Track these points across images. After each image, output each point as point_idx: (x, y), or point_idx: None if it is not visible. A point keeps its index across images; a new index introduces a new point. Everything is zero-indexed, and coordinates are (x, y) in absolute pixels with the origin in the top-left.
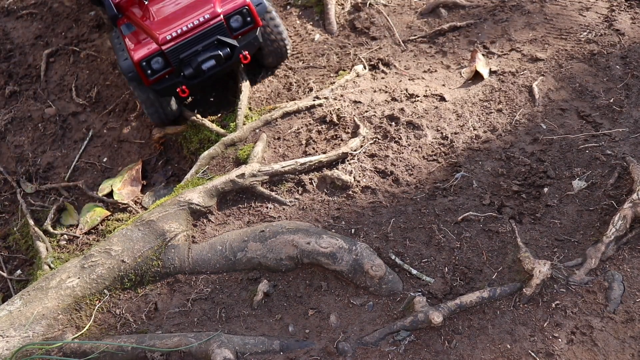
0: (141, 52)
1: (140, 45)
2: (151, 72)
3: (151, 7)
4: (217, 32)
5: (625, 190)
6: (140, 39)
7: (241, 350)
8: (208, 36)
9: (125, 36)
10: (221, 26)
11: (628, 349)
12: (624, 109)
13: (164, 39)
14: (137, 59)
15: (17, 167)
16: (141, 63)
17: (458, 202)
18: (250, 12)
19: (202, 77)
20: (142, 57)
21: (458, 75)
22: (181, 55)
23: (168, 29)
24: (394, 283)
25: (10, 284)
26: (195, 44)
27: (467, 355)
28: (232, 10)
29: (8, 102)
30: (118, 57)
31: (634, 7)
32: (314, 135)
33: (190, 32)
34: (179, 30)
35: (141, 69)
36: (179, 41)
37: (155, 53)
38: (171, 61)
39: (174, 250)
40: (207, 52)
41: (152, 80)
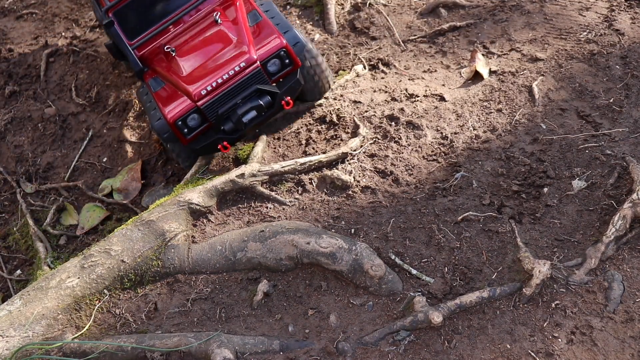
0: (175, 110)
1: (173, 103)
2: (188, 130)
3: (179, 57)
4: (256, 81)
5: (625, 190)
6: (172, 95)
7: (241, 350)
8: (246, 86)
9: (155, 92)
10: (259, 73)
11: (628, 348)
12: (623, 109)
13: (199, 94)
14: (172, 118)
15: (17, 167)
16: (177, 123)
17: (458, 202)
18: (288, 54)
19: (244, 130)
20: (176, 117)
21: (458, 75)
22: (219, 110)
23: (202, 82)
24: (394, 283)
25: (10, 284)
26: (234, 96)
27: (466, 355)
28: (269, 55)
29: (8, 102)
30: (150, 116)
31: (634, 7)
32: (314, 135)
33: (226, 83)
34: (214, 83)
35: (177, 129)
36: (215, 95)
37: (190, 111)
38: (209, 117)
39: (174, 250)
40: (247, 104)
41: (189, 138)
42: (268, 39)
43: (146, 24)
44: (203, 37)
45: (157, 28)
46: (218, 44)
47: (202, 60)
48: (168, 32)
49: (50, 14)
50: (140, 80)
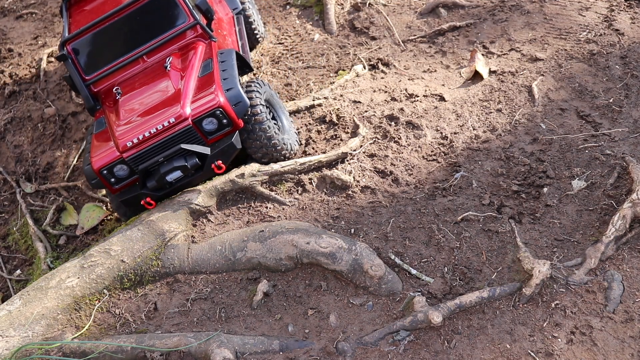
0: (102, 159)
1: (103, 151)
2: (115, 180)
3: (121, 101)
4: (184, 139)
5: (624, 190)
6: (105, 141)
7: (241, 350)
8: (172, 144)
9: (94, 135)
10: (189, 131)
11: (627, 348)
12: (623, 109)
13: (124, 145)
14: (97, 167)
15: (16, 167)
16: (102, 171)
17: (458, 202)
18: (225, 114)
19: (169, 189)
20: (102, 165)
21: (457, 75)
22: (142, 165)
23: (130, 134)
24: (394, 283)
25: (10, 284)
26: (158, 153)
27: (466, 355)
28: (202, 112)
29: (8, 102)
30: (84, 159)
31: (634, 7)
32: (314, 135)
33: (154, 138)
34: (141, 136)
35: (103, 177)
36: (140, 149)
37: (116, 161)
38: (134, 170)
39: (174, 250)
40: (172, 163)
41: (117, 188)
42: (207, 95)
43: (104, 60)
44: (148, 83)
45: (113, 67)
46: (158, 93)
47: (138, 109)
48: (125, 72)
49: (50, 14)
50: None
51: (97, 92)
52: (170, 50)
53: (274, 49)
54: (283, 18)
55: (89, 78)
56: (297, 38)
